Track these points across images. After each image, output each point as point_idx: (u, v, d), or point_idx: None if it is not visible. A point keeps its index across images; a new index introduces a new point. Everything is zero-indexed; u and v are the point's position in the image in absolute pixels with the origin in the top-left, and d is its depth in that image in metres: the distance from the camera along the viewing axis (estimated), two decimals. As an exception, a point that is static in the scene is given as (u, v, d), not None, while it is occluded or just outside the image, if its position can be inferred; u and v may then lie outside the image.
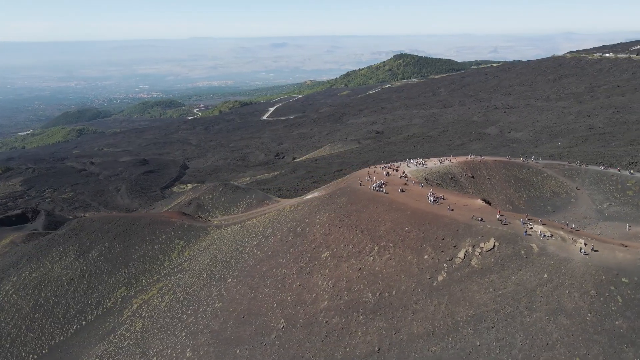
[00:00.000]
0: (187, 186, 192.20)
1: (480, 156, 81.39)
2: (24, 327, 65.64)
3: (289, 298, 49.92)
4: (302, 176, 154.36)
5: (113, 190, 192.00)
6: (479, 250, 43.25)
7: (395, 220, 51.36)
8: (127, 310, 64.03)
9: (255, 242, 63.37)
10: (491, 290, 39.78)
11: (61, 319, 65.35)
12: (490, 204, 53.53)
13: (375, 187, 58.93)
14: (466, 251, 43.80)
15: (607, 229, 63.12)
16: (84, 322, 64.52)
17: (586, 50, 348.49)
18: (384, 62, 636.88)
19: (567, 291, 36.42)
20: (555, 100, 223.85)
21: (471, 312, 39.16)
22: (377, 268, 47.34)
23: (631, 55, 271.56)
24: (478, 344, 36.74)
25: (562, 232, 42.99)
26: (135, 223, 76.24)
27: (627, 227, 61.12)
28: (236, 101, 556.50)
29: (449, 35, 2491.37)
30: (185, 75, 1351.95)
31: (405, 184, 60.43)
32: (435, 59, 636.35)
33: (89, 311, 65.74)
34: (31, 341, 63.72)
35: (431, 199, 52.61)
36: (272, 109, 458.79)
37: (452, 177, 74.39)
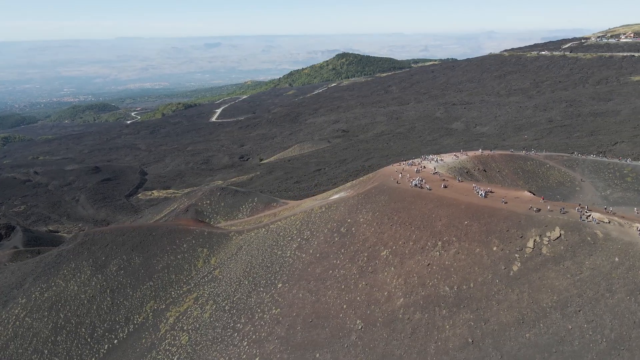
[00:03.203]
0: (152, 193, 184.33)
1: (490, 150, 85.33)
2: (46, 351, 60.63)
3: (358, 298, 49.95)
4: (281, 177, 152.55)
5: (71, 201, 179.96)
6: (546, 239, 45.49)
7: (451, 215, 52.78)
8: (163, 324, 61.01)
9: (295, 245, 62.55)
10: (568, 276, 42.01)
11: (89, 340, 61.06)
12: (535, 195, 56.46)
13: (416, 184, 60.12)
14: (534, 241, 45.87)
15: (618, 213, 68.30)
16: (116, 341, 60.70)
17: (520, 49, 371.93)
18: (327, 61, 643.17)
19: (640, 272, 39.41)
20: (506, 95, 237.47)
21: (554, 297, 41.15)
22: (446, 262, 48.49)
23: (565, 53, 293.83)
24: (570, 327, 38.74)
25: (616, 218, 46.40)
26: (151, 233, 72.51)
27: (636, 211, 66.38)
28: (179, 103, 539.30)
29: (381, 34, 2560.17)
30: (114, 77, 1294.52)
31: (444, 179, 62.21)
32: (377, 57, 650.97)
33: (119, 329, 61.93)
34: (58, 366, 59.07)
35: (482, 192, 54.58)
36: (219, 111, 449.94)
37: (467, 172, 77.36)
